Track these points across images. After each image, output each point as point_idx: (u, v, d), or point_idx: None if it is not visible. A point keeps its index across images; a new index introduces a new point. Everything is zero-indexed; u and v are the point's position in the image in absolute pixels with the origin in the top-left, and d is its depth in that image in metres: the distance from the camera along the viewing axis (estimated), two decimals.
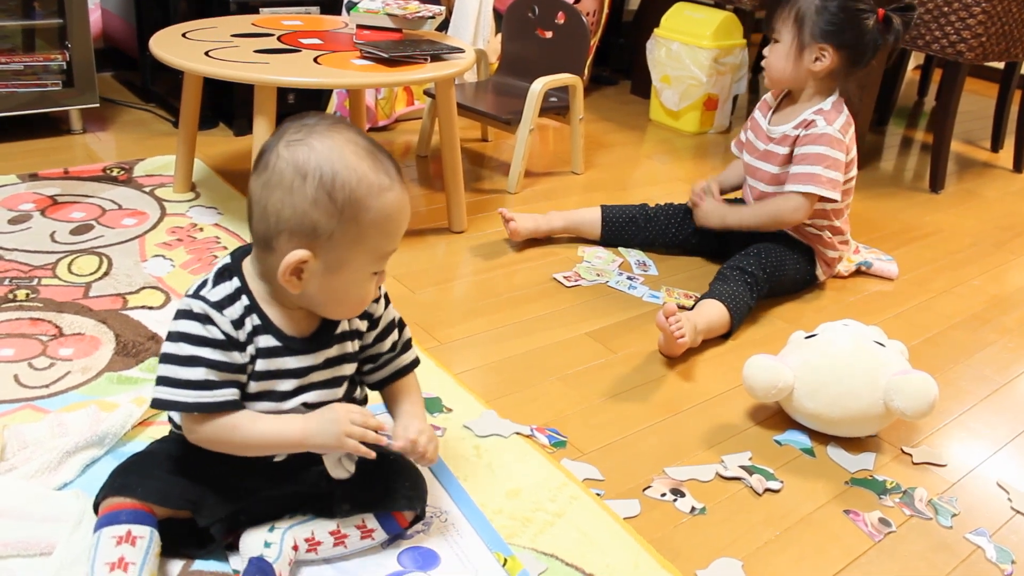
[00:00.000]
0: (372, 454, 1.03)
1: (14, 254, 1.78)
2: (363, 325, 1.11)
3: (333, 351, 1.07)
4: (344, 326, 1.08)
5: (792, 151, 1.87)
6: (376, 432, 1.03)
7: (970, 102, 3.92)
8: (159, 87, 2.77)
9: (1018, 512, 1.36)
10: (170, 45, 1.86)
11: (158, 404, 0.99)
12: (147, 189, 2.16)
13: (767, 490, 1.34)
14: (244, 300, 1.01)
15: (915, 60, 4.23)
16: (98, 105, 2.48)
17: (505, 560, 1.13)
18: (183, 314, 0.99)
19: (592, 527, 1.21)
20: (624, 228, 2.11)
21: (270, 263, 0.98)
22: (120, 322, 1.58)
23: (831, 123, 1.83)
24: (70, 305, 1.61)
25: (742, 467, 1.38)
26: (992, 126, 3.36)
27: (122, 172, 2.24)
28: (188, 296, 1.00)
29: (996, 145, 3.35)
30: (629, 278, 1.98)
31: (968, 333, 1.91)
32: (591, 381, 1.58)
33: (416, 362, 1.18)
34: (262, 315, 1.01)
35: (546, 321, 1.77)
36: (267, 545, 1.05)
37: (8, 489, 1.13)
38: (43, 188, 2.09)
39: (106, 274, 1.74)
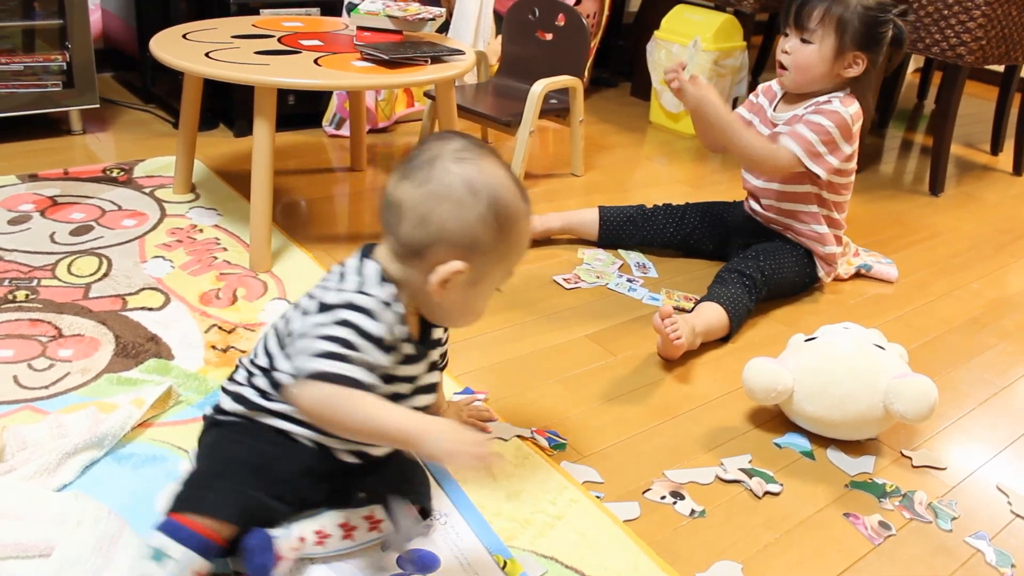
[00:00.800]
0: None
1: (14, 255, 1.78)
2: (444, 336, 1.18)
3: (433, 357, 1.14)
4: (437, 334, 1.14)
5: None
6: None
7: (970, 105, 3.92)
8: (159, 88, 2.77)
9: (1018, 515, 1.36)
10: (170, 46, 1.86)
11: (305, 371, 0.96)
12: (147, 190, 2.16)
13: (767, 493, 1.34)
14: (399, 308, 1.04)
15: (915, 63, 4.24)
16: (98, 106, 2.48)
17: (505, 563, 1.13)
18: (352, 307, 0.99)
19: (592, 530, 1.21)
20: (622, 228, 2.11)
21: (415, 269, 1.02)
22: (120, 323, 1.58)
23: (846, 106, 1.81)
24: (70, 306, 1.61)
25: (742, 470, 1.38)
26: (992, 129, 3.37)
27: (122, 173, 2.24)
28: (358, 292, 1.01)
29: (996, 148, 3.35)
30: (629, 280, 1.98)
31: (967, 336, 1.91)
32: (591, 383, 1.58)
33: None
34: (406, 323, 1.05)
35: (546, 323, 1.77)
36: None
37: (7, 490, 1.12)
38: (43, 189, 2.09)
39: (106, 275, 1.74)
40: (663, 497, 1.30)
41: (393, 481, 1.13)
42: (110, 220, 1.97)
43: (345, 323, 0.99)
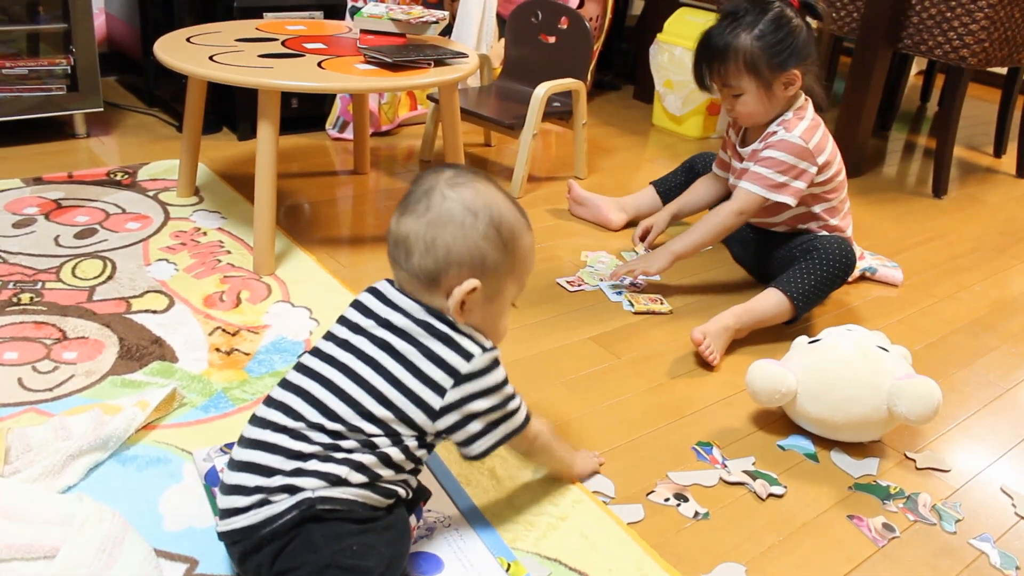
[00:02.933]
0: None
1: (18, 258, 1.78)
2: None
3: None
4: None
5: None
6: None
7: (973, 107, 3.92)
8: (163, 91, 2.78)
9: (1022, 518, 1.36)
10: (174, 49, 1.86)
11: (493, 448, 1.08)
12: (151, 193, 2.16)
13: (771, 495, 1.34)
14: None
15: (917, 65, 4.24)
16: (102, 109, 2.48)
17: (508, 565, 1.13)
18: (495, 363, 1.07)
19: (595, 532, 1.21)
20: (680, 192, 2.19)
21: (433, 299, 1.05)
22: (124, 326, 1.58)
23: (790, 130, 1.81)
24: (74, 309, 1.61)
25: (745, 472, 1.38)
26: (995, 131, 3.37)
27: (126, 176, 2.25)
28: (486, 349, 1.06)
29: (999, 150, 3.35)
30: (629, 282, 1.98)
31: (971, 338, 1.91)
32: (594, 385, 1.58)
33: None
34: None
35: (549, 326, 1.77)
36: None
37: (11, 492, 1.12)
38: (47, 192, 2.10)
39: (110, 278, 1.74)
40: (667, 499, 1.30)
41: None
42: (114, 223, 1.98)
43: (502, 382, 1.08)
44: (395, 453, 1.02)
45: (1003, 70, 3.13)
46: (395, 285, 1.09)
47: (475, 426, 1.05)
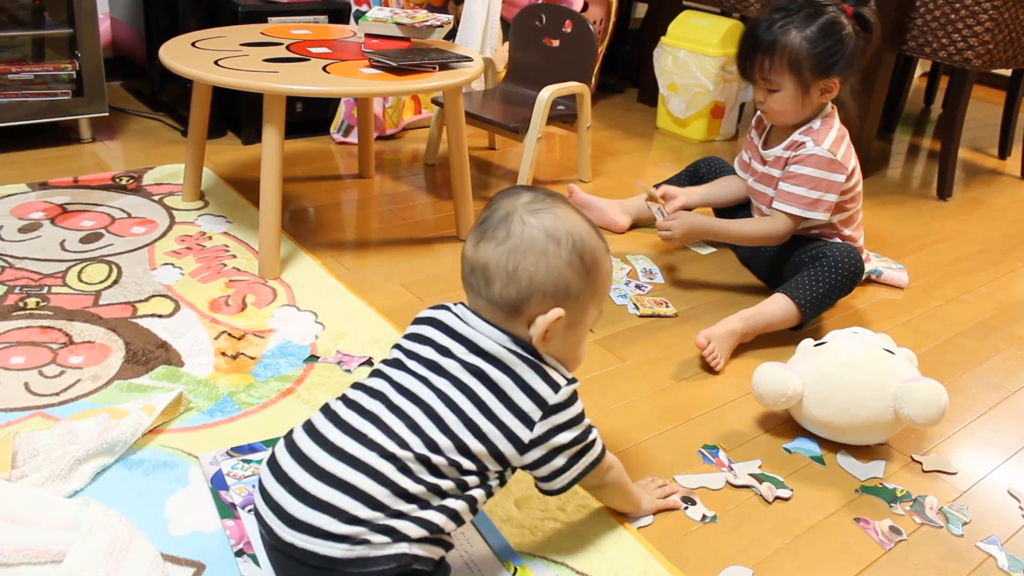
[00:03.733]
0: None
1: (24, 262, 1.78)
2: None
3: None
4: None
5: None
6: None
7: (977, 109, 3.92)
8: (168, 96, 2.78)
9: None
10: (179, 54, 1.87)
11: (575, 482, 1.07)
12: (156, 198, 2.16)
13: (777, 498, 1.34)
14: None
15: (922, 67, 4.24)
16: (107, 114, 2.49)
17: (515, 569, 1.13)
18: (574, 397, 1.05)
19: (602, 535, 1.21)
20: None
21: (515, 327, 1.02)
22: (130, 330, 1.58)
23: (820, 143, 1.80)
24: (80, 313, 1.62)
25: (752, 475, 1.38)
26: (999, 133, 3.36)
27: (131, 181, 2.25)
28: (569, 380, 1.04)
29: (1004, 152, 3.35)
30: (635, 286, 1.98)
31: (977, 341, 1.90)
32: (600, 389, 1.58)
33: None
34: None
35: None
36: None
37: (19, 496, 1.13)
38: (53, 197, 2.10)
39: (115, 282, 1.74)
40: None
41: None
42: (120, 228, 1.98)
43: (581, 415, 1.06)
44: (480, 495, 1.00)
45: (1007, 72, 3.12)
46: (471, 310, 1.05)
47: (559, 460, 1.04)
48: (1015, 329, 1.97)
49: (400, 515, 0.93)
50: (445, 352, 1.02)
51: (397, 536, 0.93)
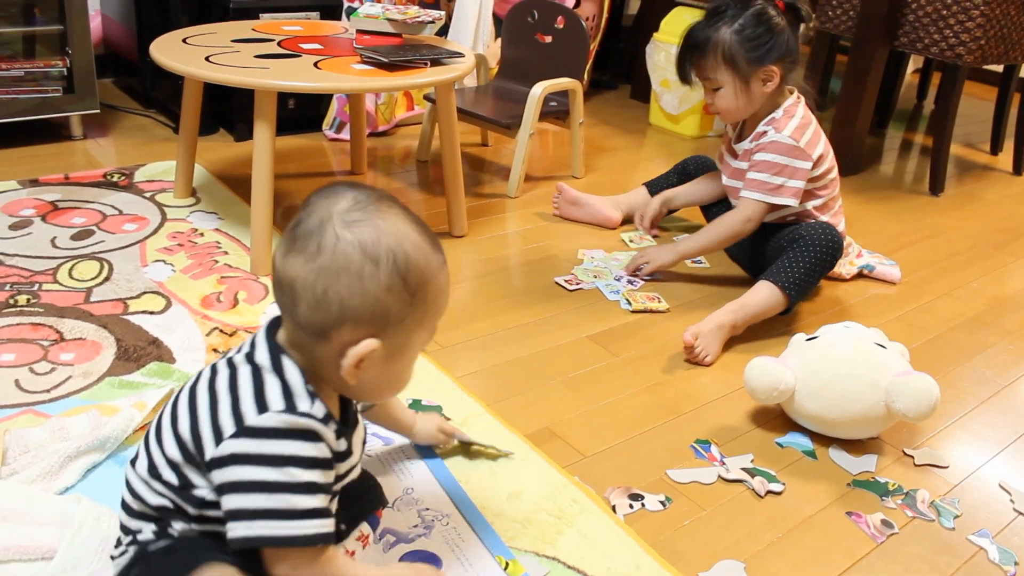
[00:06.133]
0: None
1: (15, 259, 1.78)
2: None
3: (360, 432, 1.02)
4: (355, 404, 1.01)
5: None
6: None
7: (969, 105, 3.93)
8: (159, 93, 2.77)
9: (1020, 513, 1.36)
10: (171, 50, 1.86)
11: (256, 542, 0.85)
12: (147, 194, 2.16)
13: (769, 492, 1.34)
14: (323, 406, 0.89)
15: (914, 63, 4.24)
16: (98, 111, 2.48)
17: (507, 564, 1.13)
18: (288, 433, 0.85)
19: (594, 530, 1.21)
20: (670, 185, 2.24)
21: (322, 353, 0.88)
22: (121, 327, 1.58)
23: (780, 130, 1.83)
24: (71, 310, 1.61)
25: (744, 469, 1.38)
26: (991, 129, 3.37)
27: (122, 177, 2.24)
28: (284, 412, 0.86)
29: (996, 148, 3.36)
30: (624, 280, 1.98)
31: (968, 335, 1.91)
32: (592, 384, 1.58)
33: None
34: (333, 421, 0.91)
35: (547, 324, 1.77)
36: None
37: (9, 493, 1.12)
38: (44, 194, 2.10)
39: (107, 279, 1.74)
40: (631, 506, 1.30)
41: (358, 497, 1.07)
42: (111, 224, 1.98)
43: (278, 459, 0.85)
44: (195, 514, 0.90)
45: (999, 68, 3.13)
46: (277, 331, 0.92)
47: (237, 501, 0.85)
48: (1007, 324, 1.98)
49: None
50: (193, 398, 0.92)
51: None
